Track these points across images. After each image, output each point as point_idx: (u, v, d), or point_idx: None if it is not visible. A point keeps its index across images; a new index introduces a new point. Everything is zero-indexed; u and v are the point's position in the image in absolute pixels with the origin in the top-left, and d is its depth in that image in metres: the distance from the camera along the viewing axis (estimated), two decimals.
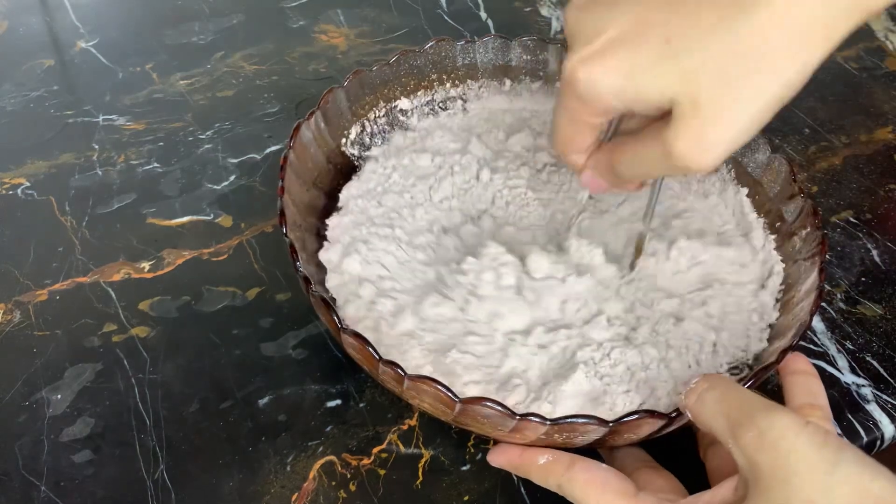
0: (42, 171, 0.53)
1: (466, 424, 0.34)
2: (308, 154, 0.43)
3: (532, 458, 0.35)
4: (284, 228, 0.37)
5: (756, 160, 0.45)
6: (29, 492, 0.38)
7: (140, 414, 0.41)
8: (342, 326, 0.33)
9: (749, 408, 0.30)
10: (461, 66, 0.50)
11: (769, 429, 0.28)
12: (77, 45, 0.64)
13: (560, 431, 0.32)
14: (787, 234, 0.42)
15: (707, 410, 0.31)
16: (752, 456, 0.28)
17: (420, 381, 0.31)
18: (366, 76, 0.46)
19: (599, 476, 0.33)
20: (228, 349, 0.44)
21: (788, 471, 0.27)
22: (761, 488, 0.28)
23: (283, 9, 0.68)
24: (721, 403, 0.31)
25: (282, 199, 0.38)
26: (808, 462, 0.27)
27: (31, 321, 0.45)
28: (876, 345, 0.45)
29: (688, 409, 0.32)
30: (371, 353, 0.32)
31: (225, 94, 0.60)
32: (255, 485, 0.38)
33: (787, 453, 0.28)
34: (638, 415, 0.31)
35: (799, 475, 0.27)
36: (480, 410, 0.31)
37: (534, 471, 0.35)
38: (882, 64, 0.64)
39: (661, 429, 0.33)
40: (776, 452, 0.28)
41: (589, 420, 0.31)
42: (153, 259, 0.48)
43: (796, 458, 0.28)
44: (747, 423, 0.29)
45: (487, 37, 0.49)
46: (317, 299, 0.34)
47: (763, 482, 0.28)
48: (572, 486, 0.33)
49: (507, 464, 0.36)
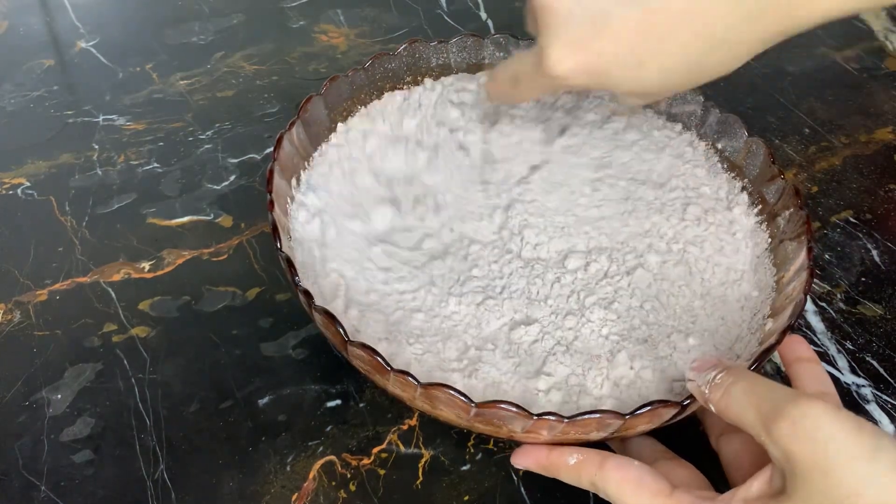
0: (42, 171, 0.53)
1: (479, 428, 0.34)
2: (292, 164, 0.43)
3: (561, 459, 0.34)
4: (279, 244, 0.36)
5: (733, 146, 0.46)
6: (29, 492, 0.38)
7: (140, 414, 0.41)
8: (349, 339, 0.33)
9: (778, 398, 0.29)
10: (435, 66, 0.50)
11: (803, 418, 0.28)
12: (77, 45, 0.64)
13: (574, 428, 0.32)
14: (771, 215, 0.42)
15: (735, 405, 0.31)
16: (788, 447, 0.28)
17: (433, 388, 0.31)
18: (342, 81, 0.46)
19: (633, 474, 0.32)
20: (228, 349, 0.44)
21: (828, 461, 0.27)
22: (800, 480, 0.28)
23: (283, 9, 0.68)
24: (749, 396, 0.30)
25: (272, 213, 0.38)
26: (848, 451, 0.27)
27: (31, 321, 0.45)
28: (876, 345, 0.45)
29: (712, 404, 0.32)
30: (382, 365, 0.32)
31: (225, 94, 0.60)
32: (255, 485, 0.38)
33: (824, 443, 0.27)
34: (651, 406, 0.31)
35: (840, 466, 0.27)
36: (496, 413, 0.31)
37: (563, 471, 0.34)
38: (882, 64, 0.65)
39: (674, 417, 0.33)
40: (813, 443, 0.27)
41: (604, 414, 0.31)
42: (153, 259, 0.48)
43: (835, 447, 0.27)
44: (779, 413, 0.28)
45: (458, 36, 0.50)
46: (319, 314, 0.34)
47: (802, 473, 0.28)
48: (606, 484, 0.33)
49: (535, 464, 0.35)
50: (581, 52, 0.32)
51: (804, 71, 0.63)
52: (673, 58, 0.31)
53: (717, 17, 0.30)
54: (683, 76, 0.33)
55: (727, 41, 0.31)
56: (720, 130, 0.46)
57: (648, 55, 0.31)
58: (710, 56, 0.31)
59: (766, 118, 0.58)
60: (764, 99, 0.60)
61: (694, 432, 0.39)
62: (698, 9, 0.30)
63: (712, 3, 0.30)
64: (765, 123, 0.58)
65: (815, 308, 0.47)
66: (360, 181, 0.45)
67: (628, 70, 0.32)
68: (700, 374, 0.33)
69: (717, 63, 0.32)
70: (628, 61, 0.32)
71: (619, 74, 0.32)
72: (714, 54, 0.31)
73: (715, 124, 0.47)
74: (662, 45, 0.31)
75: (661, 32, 0.31)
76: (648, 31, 0.31)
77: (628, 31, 0.31)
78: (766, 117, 0.59)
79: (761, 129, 0.58)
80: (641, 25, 0.30)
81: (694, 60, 0.32)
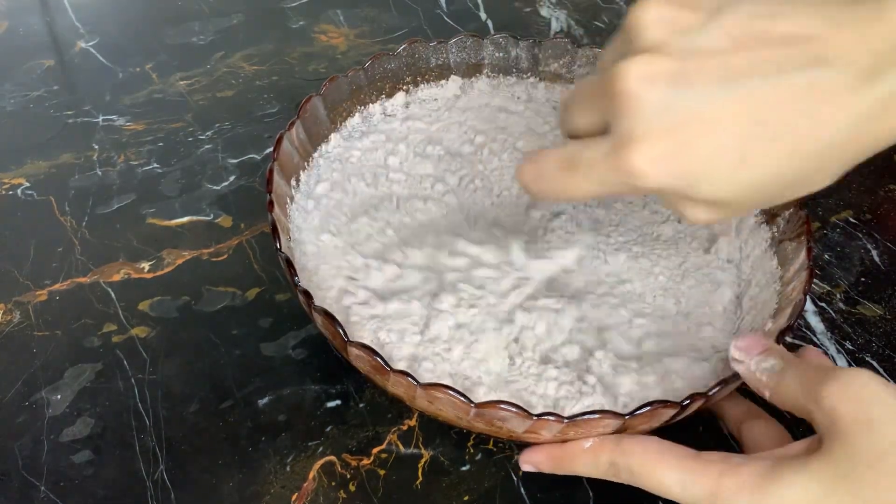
0: (42, 171, 0.53)
1: (479, 428, 0.34)
2: (292, 164, 0.43)
3: (576, 445, 0.33)
4: (278, 244, 0.36)
5: None
6: (29, 492, 0.38)
7: (140, 414, 0.41)
8: (349, 340, 0.33)
9: (829, 369, 0.30)
10: (434, 66, 0.50)
11: (854, 379, 0.28)
12: (77, 45, 0.64)
13: (574, 428, 0.32)
14: (770, 215, 0.42)
15: (789, 390, 0.31)
16: (835, 407, 0.28)
17: (433, 388, 0.31)
18: (342, 81, 0.46)
19: (654, 445, 0.32)
20: (228, 349, 0.44)
21: (872, 417, 0.27)
22: (841, 435, 0.28)
23: (283, 9, 0.68)
24: (801, 379, 0.30)
25: (272, 213, 0.38)
26: (893, 410, 0.28)
27: (30, 321, 0.45)
28: (876, 345, 0.45)
29: (767, 389, 0.32)
30: (381, 364, 0.32)
31: (225, 94, 0.60)
32: (255, 485, 0.38)
33: (869, 402, 0.28)
34: (651, 406, 0.31)
35: (883, 422, 0.27)
36: (496, 413, 0.31)
37: (580, 457, 0.33)
38: None
39: (674, 417, 0.33)
40: (859, 401, 0.28)
41: (604, 414, 0.31)
42: (153, 259, 0.48)
43: (881, 405, 0.28)
44: (830, 378, 0.29)
45: (458, 36, 0.49)
46: (319, 315, 0.34)
47: (844, 429, 0.28)
48: (628, 458, 0.32)
49: (547, 458, 0.34)
50: (674, 149, 0.26)
51: None
52: (781, 161, 0.27)
53: (834, 110, 0.26)
54: (783, 186, 0.28)
55: (847, 145, 0.27)
56: None
57: (754, 154, 0.26)
58: (822, 162, 0.27)
59: None
60: None
61: (694, 433, 0.39)
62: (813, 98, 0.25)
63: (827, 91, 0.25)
64: None
65: (815, 308, 0.47)
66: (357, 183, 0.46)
67: (725, 172, 0.27)
68: (748, 356, 0.32)
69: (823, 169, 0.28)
70: (728, 161, 0.26)
71: (713, 178, 0.27)
72: (826, 160, 0.27)
73: None
74: (775, 144, 0.26)
75: (773, 127, 0.26)
76: (760, 125, 0.26)
77: (737, 124, 0.26)
78: None
79: None
80: (751, 118, 0.26)
81: (801, 165, 0.27)
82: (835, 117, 0.26)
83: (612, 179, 0.28)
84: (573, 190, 0.30)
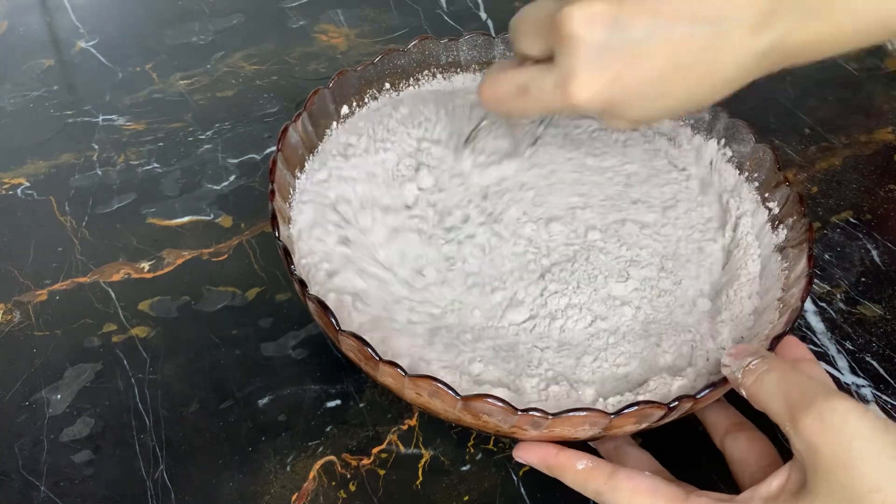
0: (42, 171, 0.53)
1: (467, 421, 0.34)
2: (296, 156, 0.43)
3: (570, 462, 0.34)
4: (276, 232, 0.36)
5: (740, 151, 0.46)
6: (29, 492, 0.38)
7: (140, 414, 0.41)
8: (340, 329, 0.33)
9: (809, 391, 0.30)
10: (444, 63, 0.50)
11: (830, 412, 0.28)
12: (77, 45, 0.64)
13: (560, 424, 0.32)
14: (774, 221, 0.42)
15: (765, 392, 0.31)
16: (813, 439, 0.28)
17: (421, 379, 0.31)
18: (350, 76, 0.46)
19: (646, 483, 0.32)
20: (228, 349, 0.43)
21: (852, 456, 0.27)
22: (822, 473, 0.28)
23: (283, 9, 0.68)
24: (780, 385, 0.31)
25: (273, 202, 0.38)
26: (873, 448, 0.27)
27: (30, 321, 0.45)
28: (876, 345, 0.45)
29: (743, 389, 0.32)
30: (371, 354, 0.32)
31: (225, 94, 0.60)
32: (255, 485, 0.38)
33: (850, 438, 0.28)
34: (637, 406, 0.31)
35: (863, 461, 0.27)
36: (482, 406, 0.31)
37: (570, 474, 0.34)
38: (882, 64, 0.64)
39: (662, 418, 0.33)
40: (838, 437, 0.28)
41: (590, 412, 0.31)
42: (153, 259, 0.48)
43: (860, 443, 0.27)
44: (807, 406, 0.29)
45: (469, 34, 0.49)
46: (313, 302, 0.34)
47: (824, 467, 0.28)
48: (616, 494, 0.32)
49: (540, 462, 0.35)
50: (608, 83, 0.31)
51: (804, 71, 0.63)
52: (689, 92, 0.32)
53: (731, 56, 0.31)
54: (685, 108, 0.34)
55: (736, 80, 0.32)
56: (728, 136, 0.46)
57: (670, 88, 0.32)
58: (715, 92, 0.32)
59: (766, 118, 0.58)
60: (764, 99, 0.60)
61: (694, 433, 0.39)
62: (716, 46, 0.30)
63: (726, 41, 0.30)
64: (765, 123, 0.58)
65: (815, 308, 0.47)
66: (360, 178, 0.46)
67: (647, 101, 0.32)
68: (736, 361, 0.33)
69: (715, 96, 0.33)
70: (650, 93, 0.32)
71: (637, 105, 0.33)
72: (720, 90, 0.32)
73: (723, 129, 0.47)
74: (685, 80, 0.31)
75: (685, 67, 0.31)
76: (676, 65, 0.31)
77: (659, 64, 0.31)
78: (767, 117, 0.58)
79: (762, 129, 0.57)
80: (670, 60, 0.31)
81: (702, 94, 0.32)
82: (731, 62, 0.31)
83: (557, 105, 0.34)
84: (525, 111, 0.37)
